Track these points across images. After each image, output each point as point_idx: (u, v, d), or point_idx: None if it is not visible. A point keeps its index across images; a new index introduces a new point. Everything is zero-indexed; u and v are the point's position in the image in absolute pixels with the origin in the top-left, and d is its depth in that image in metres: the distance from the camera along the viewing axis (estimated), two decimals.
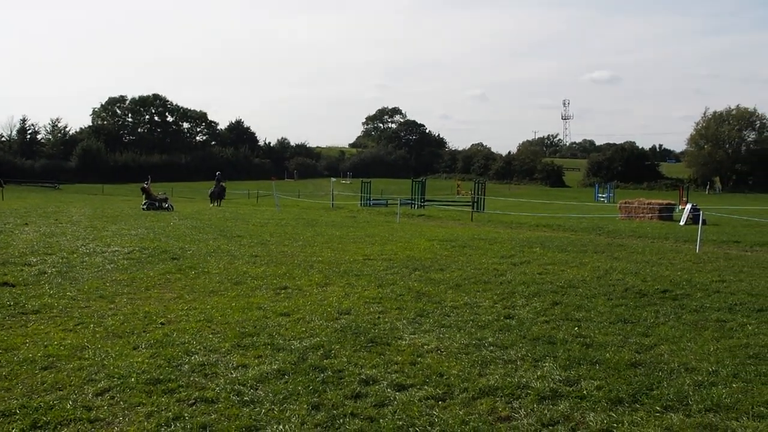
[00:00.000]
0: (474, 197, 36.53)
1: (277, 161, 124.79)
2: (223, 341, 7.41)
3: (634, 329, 8.20)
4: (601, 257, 15.13)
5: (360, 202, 41.50)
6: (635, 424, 5.24)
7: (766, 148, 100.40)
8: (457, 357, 6.94)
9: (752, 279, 12.13)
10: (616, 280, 11.83)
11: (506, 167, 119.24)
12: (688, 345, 7.49)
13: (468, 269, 12.82)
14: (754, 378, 6.31)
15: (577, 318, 8.78)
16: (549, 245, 17.39)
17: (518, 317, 8.77)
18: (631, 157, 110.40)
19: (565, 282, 11.47)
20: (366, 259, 14.06)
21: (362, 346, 7.31)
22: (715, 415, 5.42)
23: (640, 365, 6.70)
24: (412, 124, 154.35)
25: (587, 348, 7.30)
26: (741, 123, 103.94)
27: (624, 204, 32.98)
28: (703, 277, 12.20)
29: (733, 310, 9.37)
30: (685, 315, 9.04)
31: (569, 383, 6.14)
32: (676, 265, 13.85)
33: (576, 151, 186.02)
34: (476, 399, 5.77)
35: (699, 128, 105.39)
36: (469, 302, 9.72)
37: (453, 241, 17.95)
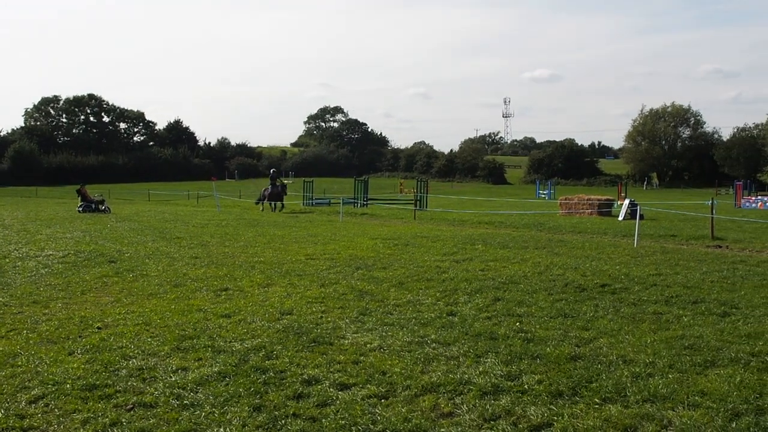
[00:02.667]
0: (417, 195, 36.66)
1: (218, 161, 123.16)
2: (162, 344, 7.28)
3: (574, 323, 8.31)
4: (542, 253, 15.31)
5: (302, 202, 41.26)
6: (575, 417, 5.30)
7: (700, 144, 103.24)
8: (399, 355, 6.93)
9: (687, 272, 12.39)
10: (557, 275, 11.98)
11: (449, 165, 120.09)
12: (626, 338, 7.60)
13: (411, 267, 12.84)
14: (689, 368, 6.44)
15: (518, 313, 8.85)
16: (491, 242, 17.54)
17: (461, 314, 8.81)
18: (571, 154, 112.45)
19: (506, 278, 11.56)
20: (308, 259, 13.98)
21: (304, 346, 7.25)
22: (652, 405, 5.51)
23: (579, 358, 6.78)
24: (354, 122, 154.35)
25: (528, 343, 7.37)
26: (676, 120, 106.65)
27: (564, 200, 33.41)
28: (640, 271, 12.43)
29: (669, 303, 9.56)
30: (623, 308, 9.19)
31: (511, 378, 6.18)
32: (615, 260, 14.09)
33: (517, 149, 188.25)
34: (419, 396, 5.76)
35: (636, 125, 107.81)
36: (412, 300, 9.73)
37: (396, 240, 17.98)
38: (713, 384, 5.96)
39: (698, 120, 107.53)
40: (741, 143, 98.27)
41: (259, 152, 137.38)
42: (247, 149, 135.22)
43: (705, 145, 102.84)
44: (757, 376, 6.21)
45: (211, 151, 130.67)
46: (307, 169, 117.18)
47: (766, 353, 6.94)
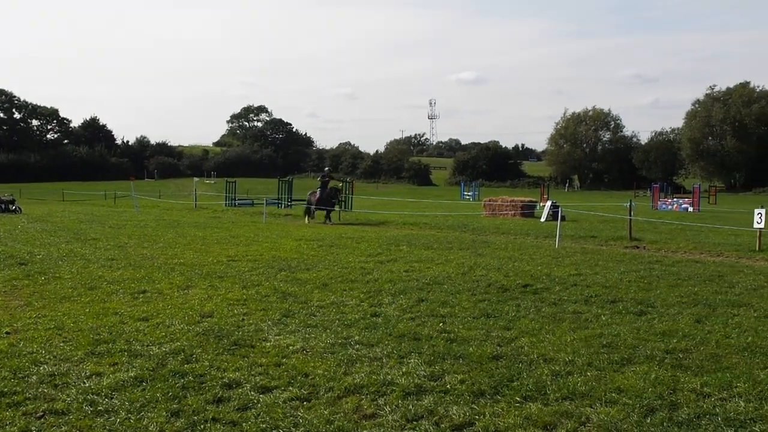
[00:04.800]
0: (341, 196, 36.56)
1: (137, 160, 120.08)
2: (76, 349, 7.03)
3: (496, 323, 8.38)
4: (466, 254, 15.44)
5: (225, 203, 40.71)
6: (496, 415, 5.34)
7: (620, 148, 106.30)
8: (322, 356, 6.87)
9: (606, 272, 12.68)
10: (480, 275, 12.10)
11: (374, 166, 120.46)
12: (546, 337, 7.71)
13: (335, 268, 12.78)
14: (607, 366, 6.58)
15: (442, 314, 8.89)
16: (415, 243, 17.62)
17: (384, 315, 8.79)
18: (495, 156, 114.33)
19: (430, 279, 11.61)
20: (230, 261, 13.77)
21: (225, 349, 7.12)
22: (571, 402, 5.60)
23: (501, 358, 6.84)
24: (278, 122, 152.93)
25: (451, 343, 7.40)
26: (597, 123, 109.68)
27: (488, 202, 33.84)
28: (561, 271, 12.66)
29: (588, 302, 9.75)
30: (544, 308, 9.33)
31: (433, 378, 6.19)
32: (537, 260, 14.32)
33: (443, 150, 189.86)
34: (341, 398, 5.71)
35: (559, 128, 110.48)
36: (336, 301, 9.67)
37: (320, 241, 17.89)
38: (629, 381, 6.09)
39: (618, 124, 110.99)
40: (658, 147, 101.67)
41: (180, 151, 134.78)
42: (167, 148, 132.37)
43: (624, 149, 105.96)
44: (671, 372, 6.37)
45: (129, 149, 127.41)
46: (230, 169, 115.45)
47: (680, 350, 7.14)
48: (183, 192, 67.49)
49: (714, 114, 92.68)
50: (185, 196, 52.79)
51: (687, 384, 6.03)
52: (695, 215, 35.37)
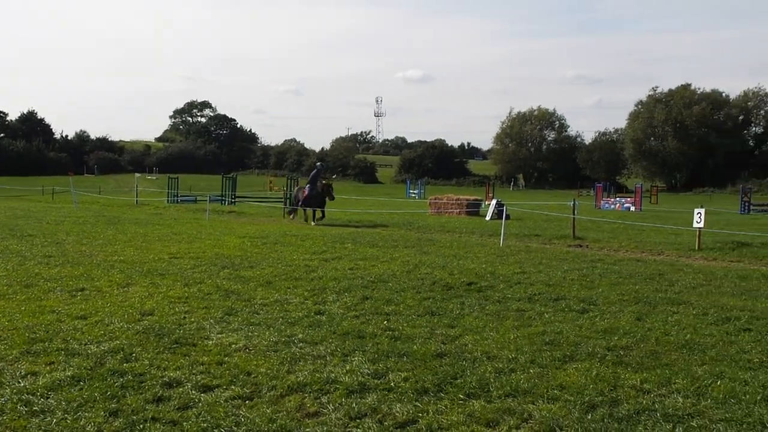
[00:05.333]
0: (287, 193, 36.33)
1: (76, 155, 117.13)
2: (10, 348, 6.82)
3: (440, 321, 8.40)
4: (411, 252, 15.47)
5: (167, 199, 40.12)
6: (439, 413, 5.34)
7: (564, 147, 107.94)
8: (265, 355, 6.79)
9: (550, 270, 12.82)
10: (425, 273, 12.12)
11: None
12: (490, 334, 7.75)
13: (279, 266, 12.67)
14: (550, 363, 6.64)
15: (386, 312, 8.88)
16: (360, 241, 17.59)
17: (329, 313, 8.75)
18: (441, 154, 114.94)
19: (375, 277, 11.59)
20: (172, 258, 13.54)
21: (166, 347, 6.99)
22: (514, 399, 5.63)
23: (445, 355, 6.85)
24: (222, 118, 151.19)
25: (396, 341, 7.39)
26: (542, 123, 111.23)
27: (434, 200, 33.98)
28: (505, 270, 12.76)
29: (532, 300, 9.84)
30: (488, 306, 9.38)
31: (377, 376, 6.17)
32: (481, 259, 14.41)
33: (389, 148, 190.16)
34: (284, 396, 5.66)
35: (504, 127, 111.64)
36: (280, 299, 9.59)
37: (264, 238, 17.73)
38: (571, 378, 6.16)
39: (563, 124, 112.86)
40: (602, 147, 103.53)
41: (121, 146, 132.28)
42: (107, 143, 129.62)
43: (569, 148, 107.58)
44: (612, 369, 6.46)
45: (68, 144, 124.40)
46: (173, 165, 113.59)
47: (620, 347, 7.24)
48: (124, 188, 66.31)
49: (656, 115, 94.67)
50: (126, 192, 51.91)
51: (627, 380, 6.12)
52: (637, 214, 36.07)
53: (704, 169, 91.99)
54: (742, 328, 8.22)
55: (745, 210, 39.20)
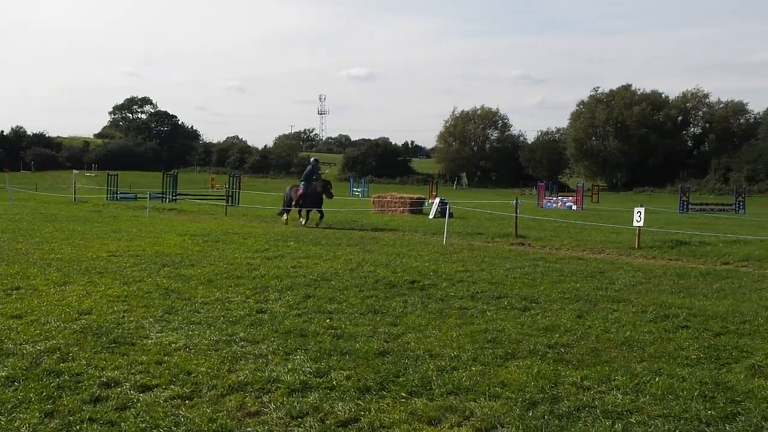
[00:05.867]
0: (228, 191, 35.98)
1: (11, 152, 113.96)
2: None
3: (383, 319, 8.39)
4: (354, 250, 15.44)
5: (106, 196, 39.33)
6: (381, 411, 5.33)
7: (507, 146, 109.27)
8: (206, 354, 6.69)
9: (492, 268, 12.92)
10: (368, 272, 12.11)
11: (262, 161, 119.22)
12: (433, 332, 7.77)
13: (220, 264, 12.52)
14: (491, 360, 6.68)
15: (329, 310, 8.84)
16: (303, 239, 17.50)
17: (271, 311, 8.67)
18: (385, 152, 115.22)
19: (318, 275, 11.54)
20: (111, 256, 13.28)
21: (104, 347, 6.84)
22: (456, 397, 5.65)
23: (388, 354, 6.85)
24: (164, 114, 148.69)
25: (338, 339, 7.35)
26: (485, 122, 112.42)
27: (377, 198, 33.97)
28: (448, 268, 12.82)
29: (474, 298, 9.90)
30: (431, 304, 9.40)
31: (319, 375, 6.13)
32: (425, 257, 14.45)
33: (332, 146, 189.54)
34: (225, 396, 5.58)
35: (448, 126, 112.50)
36: (221, 297, 9.47)
37: (206, 236, 17.52)
38: (513, 375, 6.21)
39: (506, 123, 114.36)
40: (544, 146, 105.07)
41: (59, 143, 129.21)
42: (45, 139, 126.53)
43: (512, 147, 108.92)
44: (552, 366, 6.53)
45: (3, 140, 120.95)
46: (112, 161, 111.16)
47: (561, 345, 7.33)
48: (62, 185, 64.90)
49: (597, 115, 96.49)
50: (64, 189, 50.74)
51: (568, 377, 6.19)
52: (579, 213, 36.61)
53: (644, 168, 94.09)
54: (680, 326, 8.38)
55: (683, 209, 40.10)
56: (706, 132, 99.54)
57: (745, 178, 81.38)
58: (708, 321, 8.65)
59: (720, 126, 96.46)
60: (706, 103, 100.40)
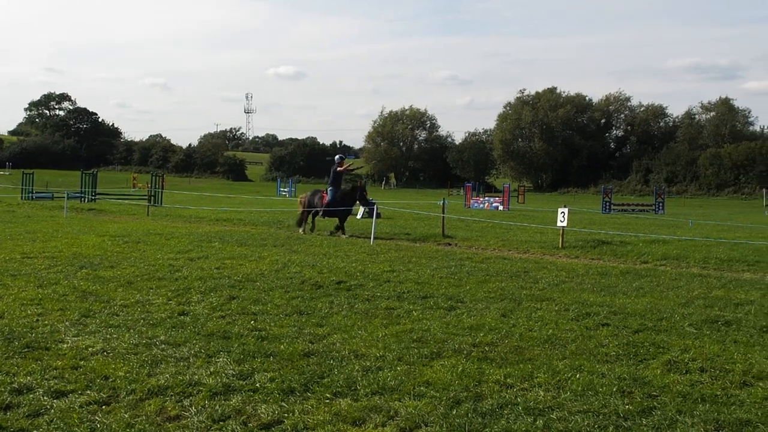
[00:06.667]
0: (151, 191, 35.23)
1: None
2: None
3: (309, 320, 8.32)
4: (280, 251, 15.29)
5: (21, 195, 38.05)
6: (306, 413, 5.27)
7: (435, 147, 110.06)
8: (125, 358, 6.50)
9: (419, 268, 12.95)
10: (294, 272, 12.00)
11: (187, 160, 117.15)
12: (359, 333, 7.74)
13: (141, 266, 12.23)
14: (417, 360, 6.68)
15: (253, 312, 8.71)
16: (228, 239, 17.25)
17: (193, 313, 8.50)
18: (312, 152, 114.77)
19: (243, 276, 11.38)
20: (25, 258, 12.81)
21: (16, 352, 6.58)
22: (381, 397, 5.63)
23: (313, 355, 6.78)
24: (83, 111, 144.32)
25: (262, 341, 7.25)
26: (414, 122, 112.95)
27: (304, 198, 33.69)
28: (375, 268, 12.80)
29: (401, 298, 9.90)
30: (357, 304, 9.36)
31: (242, 377, 6.03)
32: (352, 257, 14.40)
33: (259, 146, 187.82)
34: (144, 400, 5.43)
35: (376, 126, 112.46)
36: (141, 300, 9.24)
37: (126, 237, 17.09)
38: (438, 374, 6.21)
39: (434, 123, 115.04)
40: (471, 147, 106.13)
41: None
42: None
43: (440, 148, 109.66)
44: (477, 365, 6.56)
45: None
46: (28, 159, 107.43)
47: (486, 343, 7.38)
48: None
49: (523, 117, 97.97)
50: None
51: (491, 376, 6.23)
52: (505, 214, 37.04)
53: (569, 169, 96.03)
54: (600, 323, 8.55)
55: (606, 210, 40.95)
56: (627, 134, 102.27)
57: (664, 179, 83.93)
58: (627, 318, 8.85)
59: (641, 129, 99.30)
60: (628, 107, 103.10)
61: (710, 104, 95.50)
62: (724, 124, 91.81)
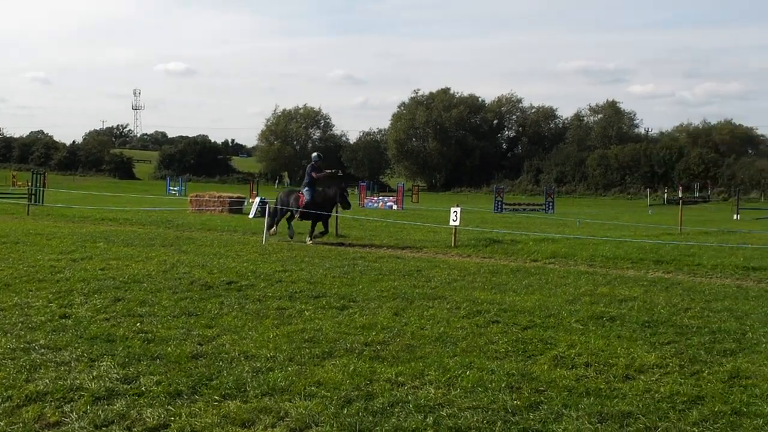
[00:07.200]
0: (31, 189, 33.75)
1: None
2: None
3: (198, 321, 8.15)
4: (169, 251, 14.93)
5: None
6: (193, 416, 5.15)
7: (329, 146, 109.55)
8: (1, 363, 6.19)
9: (312, 268, 12.88)
10: (183, 273, 11.73)
11: (71, 157, 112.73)
12: (249, 334, 7.62)
13: (20, 267, 11.68)
14: (308, 360, 6.63)
15: (140, 313, 8.46)
16: (114, 240, 16.71)
17: (75, 316, 8.18)
18: (204, 150, 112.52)
19: (129, 277, 11.04)
20: None
21: None
22: (271, 398, 5.56)
23: (201, 357, 6.64)
24: None
25: (149, 343, 7.05)
26: (308, 121, 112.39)
27: (195, 197, 33.17)
28: (267, 268, 12.66)
29: (293, 298, 9.81)
30: (248, 305, 9.23)
31: (127, 381, 5.84)
32: (243, 257, 14.20)
33: (148, 143, 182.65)
34: (21, 407, 5.19)
35: (270, 125, 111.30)
36: (20, 303, 8.82)
37: (4, 237, 16.31)
38: (329, 374, 6.18)
39: (328, 123, 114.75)
40: (366, 146, 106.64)
41: None
42: None
43: (334, 147, 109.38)
44: (369, 364, 6.57)
45: None
46: None
47: (378, 342, 7.40)
48: None
49: (417, 117, 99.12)
50: None
51: (383, 374, 6.25)
52: (399, 213, 37.38)
53: (462, 169, 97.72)
54: (491, 320, 8.71)
55: (498, 209, 41.77)
56: (519, 135, 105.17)
57: (554, 179, 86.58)
58: (517, 315, 9.05)
59: (532, 130, 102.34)
60: (520, 108, 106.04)
61: (598, 107, 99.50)
62: (611, 126, 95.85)
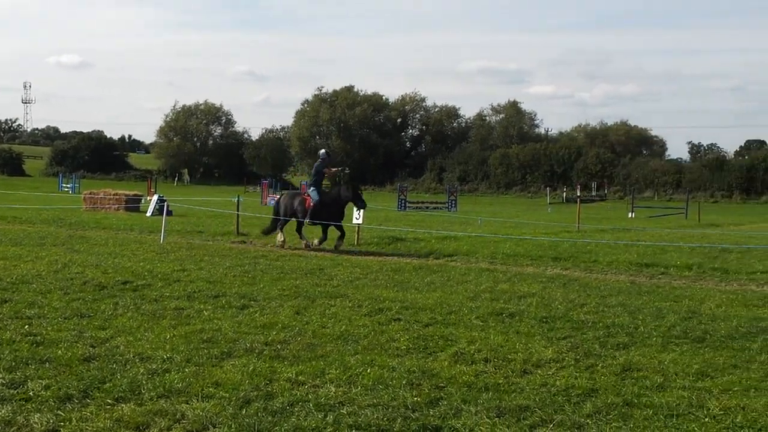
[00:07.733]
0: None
1: None
2: None
3: (90, 323, 7.88)
4: (61, 250, 14.40)
5: None
6: (84, 420, 4.97)
7: (231, 143, 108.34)
8: None
9: (212, 267, 12.66)
10: (75, 273, 11.34)
11: None
12: (145, 335, 7.42)
13: None
14: (206, 361, 6.50)
15: (28, 315, 8.12)
16: (1, 239, 16.04)
17: None
18: (99, 146, 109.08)
19: (17, 278, 10.59)
20: None
21: None
22: (167, 400, 5.42)
23: (94, 359, 6.41)
24: None
25: (37, 346, 6.76)
26: (209, 117, 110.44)
27: (89, 195, 32.18)
28: (165, 267, 12.36)
29: (191, 298, 9.62)
30: (144, 305, 8.99)
31: (14, 386, 5.60)
32: (139, 256, 13.85)
33: (39, 138, 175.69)
34: None
35: (169, 121, 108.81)
36: None
37: None
38: (228, 375, 6.07)
39: (230, 119, 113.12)
40: (269, 143, 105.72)
41: None
42: None
43: (236, 144, 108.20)
44: (268, 363, 6.48)
45: None
46: None
47: (278, 342, 7.31)
48: None
49: (321, 114, 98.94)
50: None
51: (283, 374, 6.17)
52: None
53: (366, 167, 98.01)
54: (392, 318, 8.73)
55: (402, 207, 42.10)
56: (423, 134, 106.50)
57: (457, 178, 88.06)
58: (418, 313, 9.11)
59: (435, 129, 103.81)
60: (423, 107, 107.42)
61: (500, 107, 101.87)
62: (513, 126, 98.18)
